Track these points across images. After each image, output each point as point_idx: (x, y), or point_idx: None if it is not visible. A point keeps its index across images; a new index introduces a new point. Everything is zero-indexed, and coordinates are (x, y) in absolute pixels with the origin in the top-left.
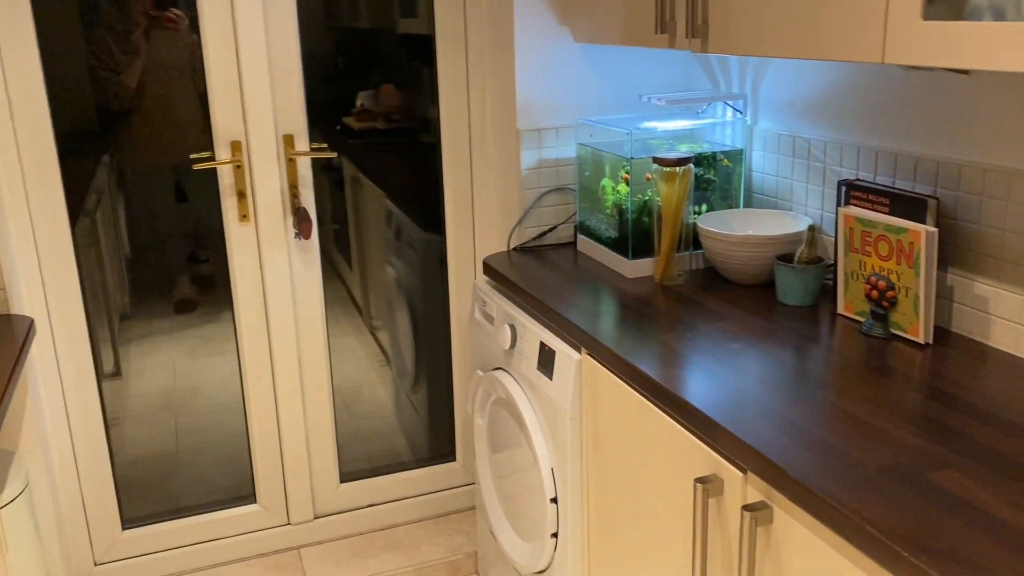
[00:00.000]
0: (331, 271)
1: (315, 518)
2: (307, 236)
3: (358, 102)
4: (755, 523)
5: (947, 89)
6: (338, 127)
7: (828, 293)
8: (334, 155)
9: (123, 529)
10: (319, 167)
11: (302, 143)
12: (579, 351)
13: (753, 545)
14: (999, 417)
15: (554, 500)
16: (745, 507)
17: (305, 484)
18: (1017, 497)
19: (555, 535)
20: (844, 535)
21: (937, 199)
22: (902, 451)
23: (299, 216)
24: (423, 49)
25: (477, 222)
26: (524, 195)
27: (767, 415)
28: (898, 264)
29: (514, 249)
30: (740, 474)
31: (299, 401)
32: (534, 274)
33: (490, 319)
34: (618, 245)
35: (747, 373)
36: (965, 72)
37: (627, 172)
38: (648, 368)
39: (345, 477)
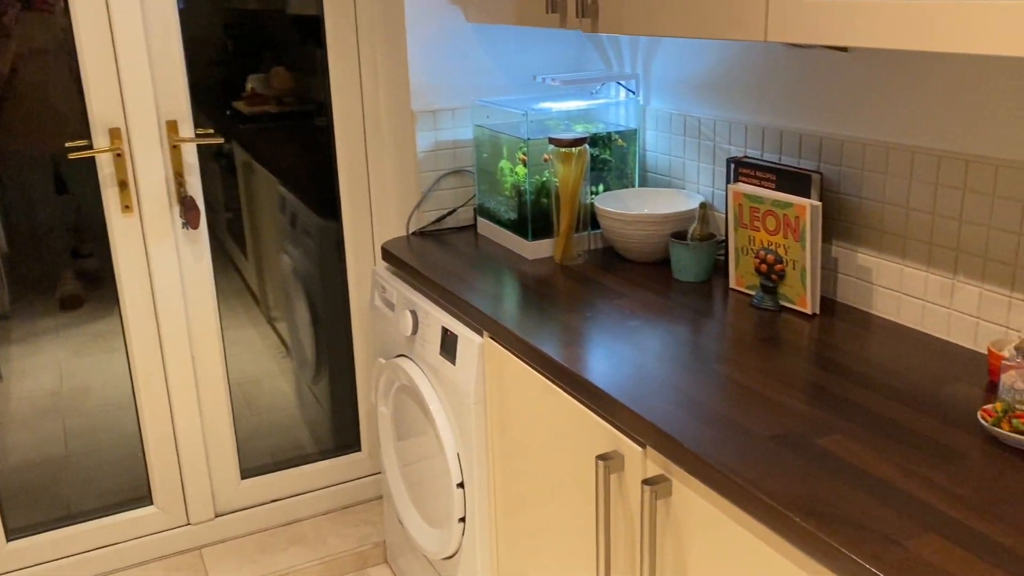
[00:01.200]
0: (226, 261)
1: (216, 516)
2: (195, 226)
3: (248, 86)
4: (655, 497)
5: (828, 66)
6: (228, 112)
7: (721, 268)
8: (221, 140)
9: (7, 540)
10: (209, 154)
11: (186, 129)
12: (481, 335)
13: (654, 519)
14: (881, 382)
15: (460, 485)
16: (645, 481)
17: (204, 482)
18: (897, 457)
19: (462, 520)
20: (739, 504)
21: (820, 174)
22: (792, 419)
23: (186, 205)
24: (315, 30)
25: (375, 207)
26: (421, 178)
27: (664, 390)
28: (785, 238)
29: (413, 234)
30: (640, 449)
31: (194, 397)
32: (434, 258)
33: (390, 305)
34: (518, 227)
35: (645, 349)
36: (844, 50)
37: (524, 153)
38: (549, 349)
39: (246, 473)
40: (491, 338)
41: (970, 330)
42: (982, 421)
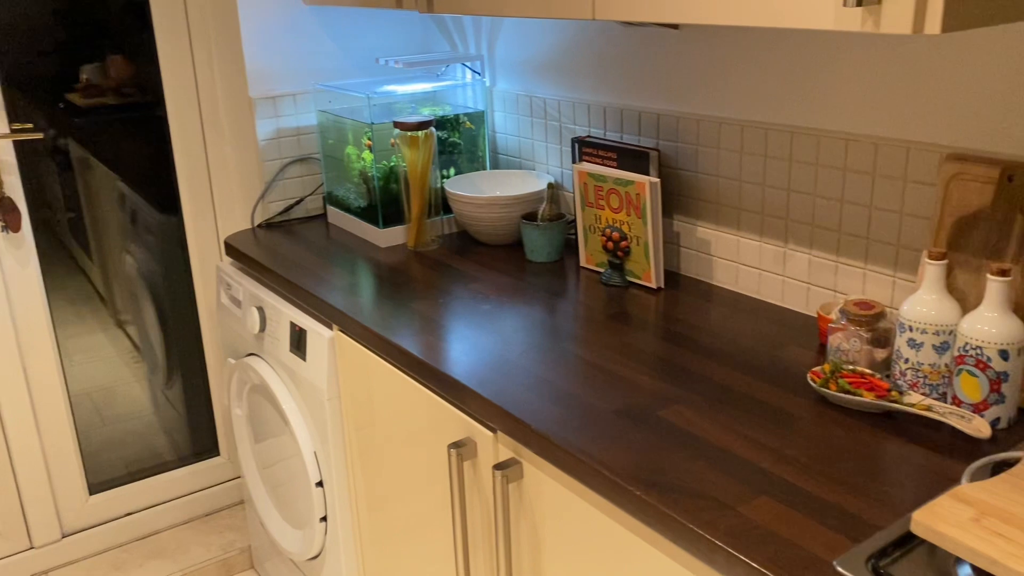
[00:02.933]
0: (71, 264)
1: (63, 537)
2: (15, 229)
3: (82, 76)
4: (506, 481)
5: (661, 44)
6: (61, 105)
7: (573, 247)
8: (40, 136)
9: None
10: (43, 150)
11: (0, 124)
12: (331, 328)
13: (507, 502)
14: (720, 351)
15: (320, 484)
16: (496, 466)
17: (47, 502)
18: (734, 423)
19: (324, 519)
20: (584, 481)
21: (658, 151)
22: (635, 393)
23: (3, 207)
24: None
25: (217, 200)
26: (265, 167)
27: (514, 373)
28: (628, 215)
29: (259, 226)
30: (491, 434)
31: (28, 412)
32: (282, 251)
33: (237, 303)
34: (368, 214)
35: (496, 333)
36: (675, 27)
37: (370, 138)
38: (400, 339)
39: (96, 488)
40: (341, 331)
41: (802, 295)
42: (811, 382)
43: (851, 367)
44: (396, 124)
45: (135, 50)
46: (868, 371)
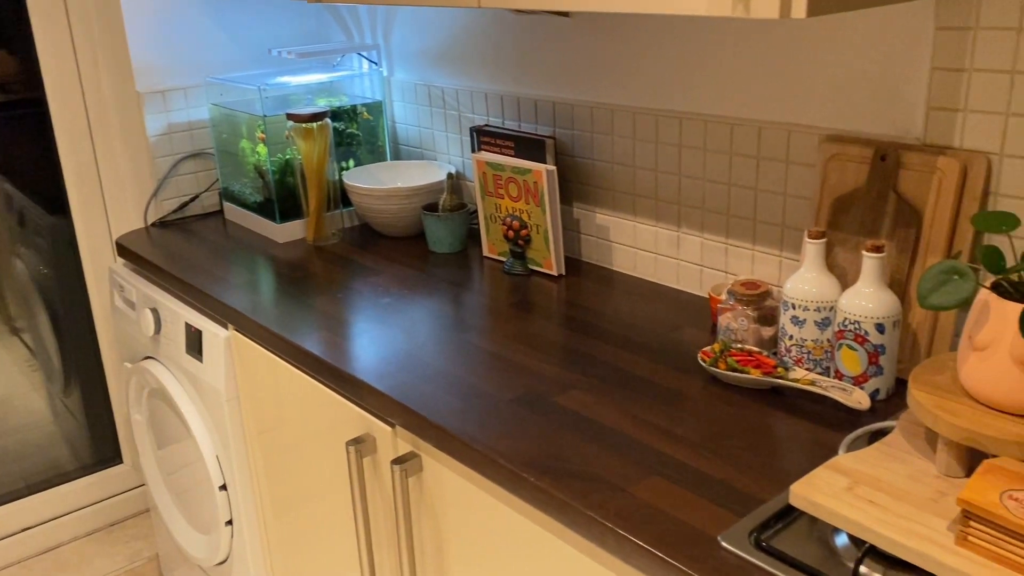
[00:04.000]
0: None
1: None
2: None
3: None
4: (405, 475)
5: (554, 32)
6: None
7: (476, 237)
8: None
9: None
10: None
11: None
12: (226, 327)
13: (407, 497)
14: (618, 335)
15: (223, 487)
16: (394, 460)
17: None
18: (628, 406)
19: (230, 523)
20: (481, 471)
21: (554, 139)
22: (534, 380)
23: None
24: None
25: (108, 199)
26: (156, 164)
27: (413, 366)
28: (527, 204)
29: (153, 225)
30: (389, 429)
31: None
32: (176, 250)
33: (131, 305)
34: (265, 209)
35: (396, 326)
36: (566, 15)
37: (263, 132)
38: (295, 336)
39: None
40: (236, 330)
41: (696, 278)
42: (701, 362)
43: (739, 346)
44: (289, 116)
45: (16, 44)
46: (756, 349)
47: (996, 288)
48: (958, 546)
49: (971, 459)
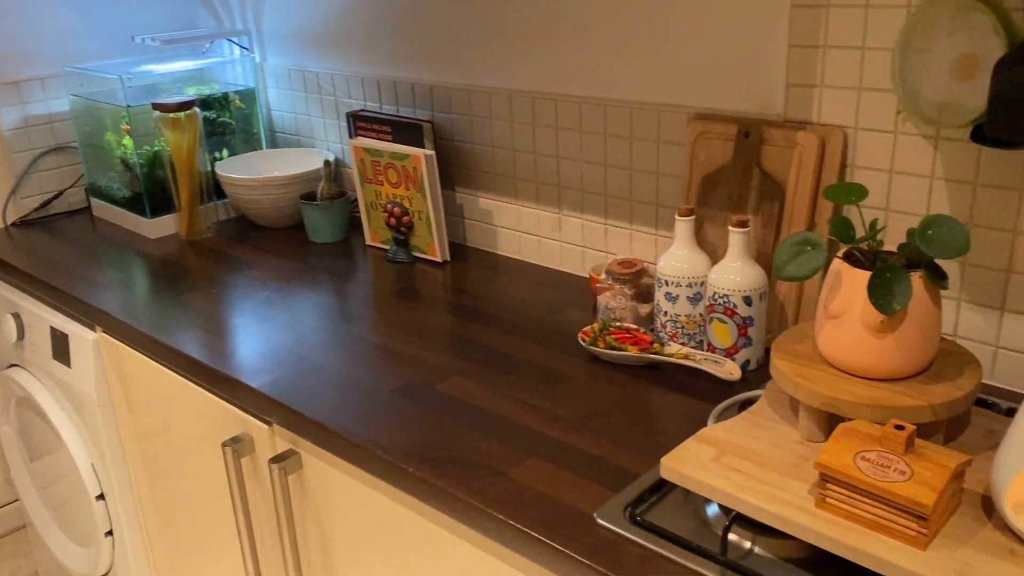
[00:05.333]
0: None
1: None
2: None
3: None
4: (284, 473)
5: (429, 14)
6: None
7: (358, 226)
8: None
9: None
10: None
11: None
12: (94, 330)
13: (287, 495)
14: (502, 319)
15: (101, 497)
16: (272, 459)
17: None
18: (510, 389)
19: (109, 533)
20: (361, 464)
21: (432, 123)
22: (416, 369)
23: None
24: None
25: None
26: (13, 160)
27: (290, 361)
28: (408, 190)
29: (13, 224)
30: (266, 427)
31: None
32: (39, 250)
33: None
34: (134, 204)
35: (274, 321)
36: None
37: (128, 123)
38: (167, 336)
39: None
40: (106, 333)
41: (578, 259)
42: (581, 342)
43: (618, 324)
44: (155, 106)
45: None
46: (634, 326)
47: (848, 257)
48: (818, 508)
49: (831, 424)
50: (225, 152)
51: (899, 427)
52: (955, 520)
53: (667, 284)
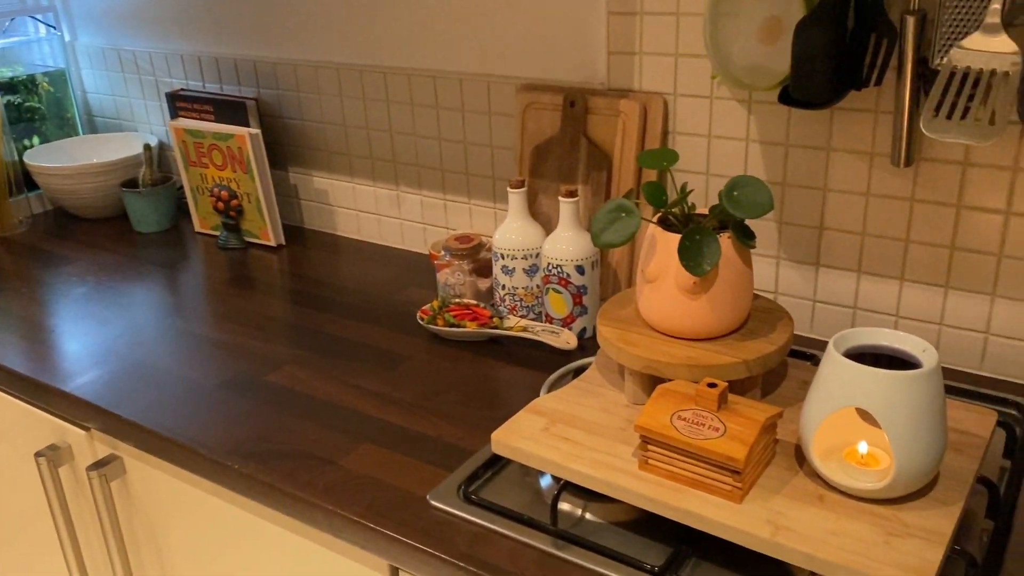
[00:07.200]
0: None
1: None
2: None
3: None
4: (105, 480)
5: None
6: None
7: (187, 212)
8: None
9: None
10: None
11: None
12: None
13: (111, 503)
14: (340, 302)
15: None
16: (91, 466)
17: None
18: (344, 375)
19: None
20: (185, 465)
21: (256, 100)
22: (245, 360)
23: None
24: None
25: None
26: None
27: (109, 361)
28: (234, 172)
29: None
30: (84, 433)
31: None
32: None
33: None
34: None
35: (92, 319)
36: None
37: None
38: None
39: None
40: None
41: (420, 236)
42: (420, 320)
43: (457, 300)
44: None
45: None
46: (473, 302)
47: (662, 222)
48: (641, 470)
49: (655, 386)
50: (36, 139)
51: (712, 385)
52: (770, 471)
53: (503, 257)
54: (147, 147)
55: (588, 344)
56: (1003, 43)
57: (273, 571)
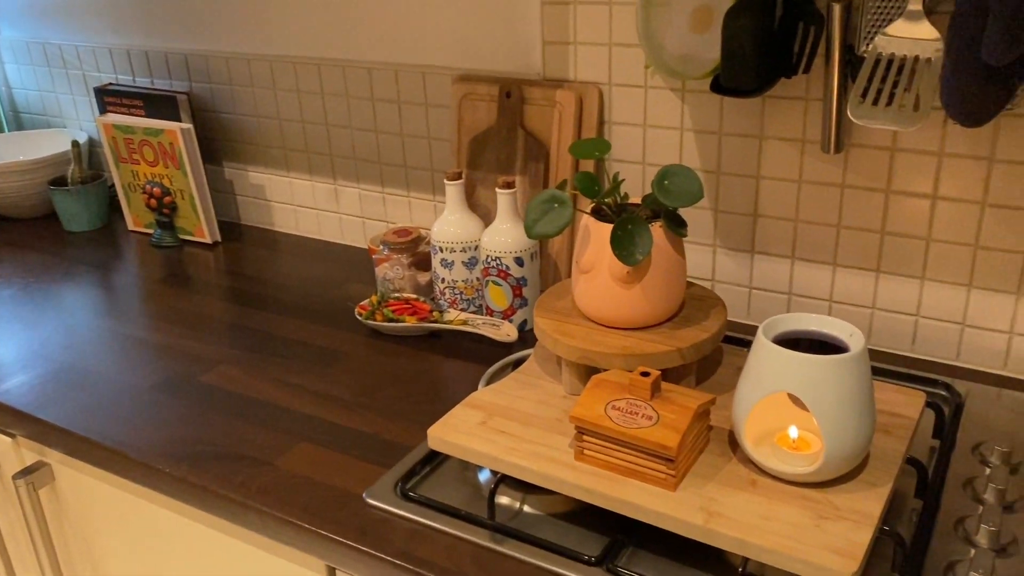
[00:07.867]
0: None
1: None
2: None
3: None
4: (32, 488)
5: None
6: None
7: (120, 210)
8: None
9: None
10: None
11: None
12: None
13: (40, 511)
14: (277, 299)
15: None
16: (16, 474)
17: None
18: (281, 374)
19: None
20: (115, 470)
21: (187, 94)
22: (178, 361)
23: None
24: None
25: None
26: None
27: (35, 364)
28: (167, 168)
29: None
30: (9, 440)
31: None
32: None
33: None
34: None
35: (18, 322)
36: None
37: None
38: None
39: None
40: None
41: (359, 230)
42: (358, 316)
43: (397, 295)
44: None
45: None
46: (413, 296)
47: (596, 212)
48: (577, 461)
49: (591, 376)
50: None
51: (645, 373)
52: (704, 458)
53: (442, 250)
54: (75, 144)
55: (529, 336)
56: (926, 30)
57: (210, 575)
